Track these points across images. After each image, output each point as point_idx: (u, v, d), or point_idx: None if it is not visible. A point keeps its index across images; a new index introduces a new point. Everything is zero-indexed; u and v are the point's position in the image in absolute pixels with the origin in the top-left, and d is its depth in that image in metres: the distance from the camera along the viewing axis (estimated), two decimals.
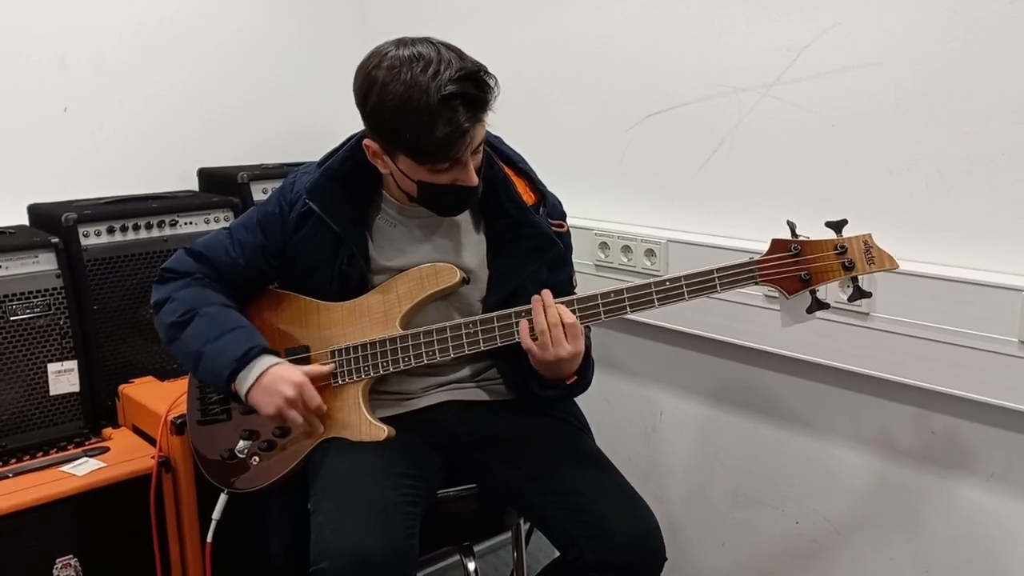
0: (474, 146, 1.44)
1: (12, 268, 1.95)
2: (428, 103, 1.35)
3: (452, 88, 1.36)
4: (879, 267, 1.39)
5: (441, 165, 1.43)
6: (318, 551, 1.38)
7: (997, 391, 1.50)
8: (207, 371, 1.56)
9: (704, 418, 2.05)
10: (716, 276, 1.42)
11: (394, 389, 1.65)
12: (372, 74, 1.41)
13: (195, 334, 1.57)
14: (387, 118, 1.40)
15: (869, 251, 1.39)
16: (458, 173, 1.45)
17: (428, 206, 1.54)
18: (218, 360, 1.53)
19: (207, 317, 1.58)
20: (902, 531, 1.72)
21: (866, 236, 1.40)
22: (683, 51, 1.91)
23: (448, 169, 1.44)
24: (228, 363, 1.52)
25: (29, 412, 1.98)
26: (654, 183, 2.03)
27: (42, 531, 1.77)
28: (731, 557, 2.05)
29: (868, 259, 1.39)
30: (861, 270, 1.40)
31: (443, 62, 1.38)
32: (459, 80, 1.37)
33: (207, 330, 1.56)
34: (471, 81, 1.38)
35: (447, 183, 1.46)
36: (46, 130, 2.29)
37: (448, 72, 1.36)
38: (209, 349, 1.54)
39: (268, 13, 2.64)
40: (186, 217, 2.23)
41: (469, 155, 1.44)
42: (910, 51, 1.56)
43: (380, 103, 1.40)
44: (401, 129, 1.39)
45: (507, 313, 1.50)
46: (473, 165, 1.46)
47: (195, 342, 1.56)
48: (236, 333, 1.56)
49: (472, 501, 1.64)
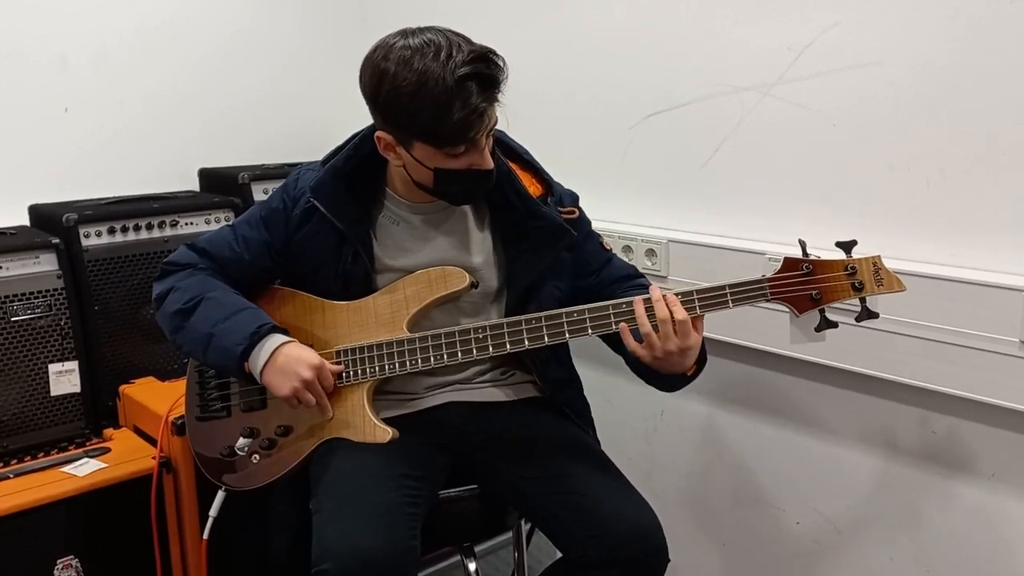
0: (489, 128, 1.44)
1: (13, 269, 1.95)
2: (444, 87, 1.36)
3: (466, 70, 1.36)
4: (887, 289, 1.41)
5: (458, 149, 1.43)
6: (320, 551, 1.38)
7: (998, 391, 1.50)
8: (217, 351, 1.54)
9: (705, 418, 2.05)
10: (728, 292, 1.42)
11: (397, 389, 1.65)
12: (381, 66, 1.41)
13: (203, 318, 1.56)
14: (403, 107, 1.40)
15: (878, 272, 1.40)
16: (473, 157, 1.45)
17: (444, 193, 1.53)
18: (229, 339, 1.52)
19: (213, 301, 1.58)
20: (903, 531, 1.72)
21: (875, 258, 1.41)
22: (684, 50, 1.91)
23: (464, 153, 1.44)
24: (240, 340, 1.51)
25: (30, 413, 1.98)
26: (655, 183, 2.03)
27: (43, 531, 1.77)
28: (732, 557, 2.05)
29: (877, 281, 1.40)
30: (870, 291, 1.41)
31: (453, 46, 1.38)
32: (472, 62, 1.37)
33: (216, 312, 1.56)
34: (483, 62, 1.39)
35: (463, 168, 1.46)
36: (47, 130, 2.29)
37: (460, 55, 1.37)
38: (219, 330, 1.53)
39: (268, 13, 2.64)
40: (187, 217, 2.23)
41: (485, 137, 1.44)
42: (911, 50, 1.56)
43: (394, 92, 1.40)
44: (417, 116, 1.39)
45: (517, 320, 1.49)
46: (487, 148, 1.47)
47: (204, 325, 1.55)
48: (245, 313, 1.56)
49: (474, 502, 1.64)
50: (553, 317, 1.47)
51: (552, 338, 1.47)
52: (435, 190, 1.51)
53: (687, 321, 1.40)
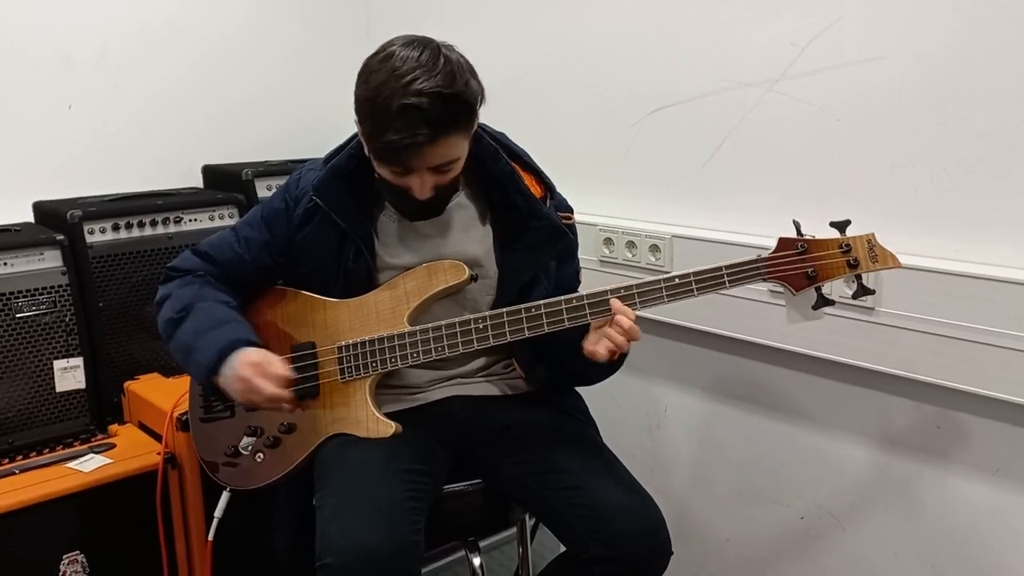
0: (432, 161, 1.44)
1: (18, 265, 1.96)
2: (387, 106, 1.38)
3: (413, 100, 1.37)
4: (882, 265, 1.43)
5: (394, 168, 1.45)
6: (323, 547, 1.38)
7: (1002, 385, 1.50)
8: (194, 366, 1.57)
9: (709, 413, 2.05)
10: (725, 272, 1.44)
11: (400, 383, 1.65)
12: (368, 62, 1.45)
13: (188, 329, 1.58)
14: (357, 107, 1.45)
15: (872, 249, 1.42)
16: (410, 181, 1.47)
17: (389, 203, 1.58)
18: (204, 353, 1.54)
19: (201, 312, 1.59)
20: (907, 526, 1.72)
21: (869, 235, 1.43)
22: (687, 46, 1.91)
23: (403, 174, 1.46)
24: (212, 356, 1.53)
25: (35, 409, 1.99)
26: (658, 179, 2.03)
27: (49, 527, 1.78)
28: (736, 552, 2.05)
29: (872, 257, 1.42)
30: (865, 268, 1.43)
31: (422, 71, 1.39)
32: (426, 95, 1.37)
33: (200, 324, 1.57)
34: (439, 99, 1.38)
35: (401, 186, 1.48)
36: (51, 127, 2.29)
37: (420, 84, 1.37)
38: (198, 343, 1.55)
39: (271, 9, 2.64)
40: (191, 214, 2.23)
41: (424, 169, 1.45)
42: (915, 46, 1.56)
43: (358, 90, 1.45)
44: (364, 122, 1.44)
45: (516, 309, 1.50)
46: (434, 181, 1.47)
47: (187, 336, 1.58)
48: (225, 328, 1.57)
49: (478, 496, 1.65)
50: (552, 304, 1.48)
51: (551, 325, 1.48)
52: (383, 195, 1.55)
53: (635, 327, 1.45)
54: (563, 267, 1.64)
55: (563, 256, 1.64)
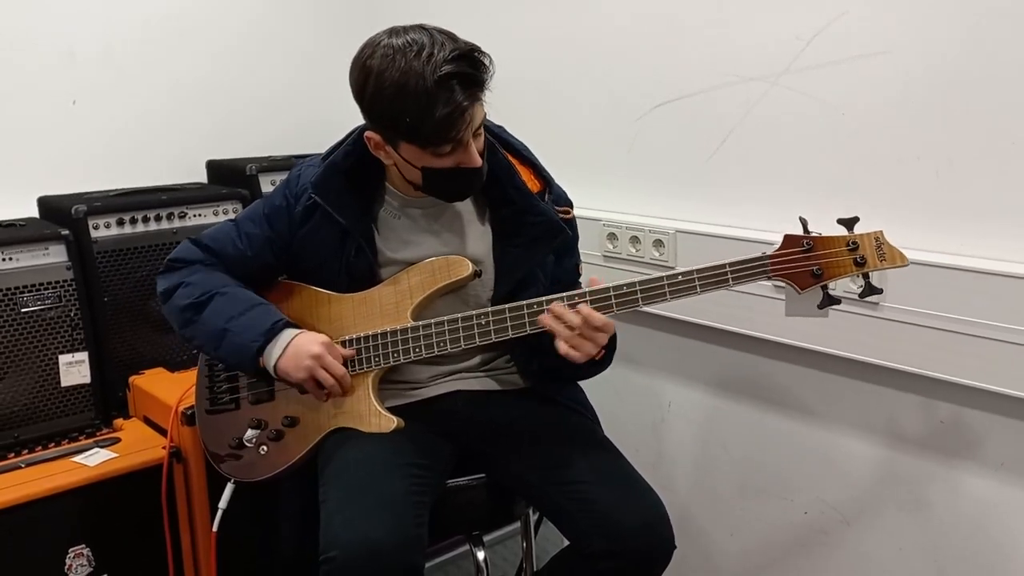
0: (474, 126, 1.44)
1: (23, 260, 1.96)
2: (425, 86, 1.36)
3: (447, 68, 1.37)
4: (890, 264, 1.39)
5: (443, 148, 1.43)
6: (327, 541, 1.39)
7: (1006, 380, 1.49)
8: (232, 347, 1.57)
9: (712, 409, 2.05)
10: (728, 270, 1.43)
11: (402, 378, 1.65)
12: (367, 64, 1.42)
13: (216, 312, 1.58)
14: (386, 107, 1.41)
15: (880, 247, 1.39)
16: (460, 155, 1.45)
17: (434, 192, 1.54)
18: (245, 335, 1.55)
19: (227, 296, 1.59)
20: (911, 521, 1.72)
21: (877, 233, 1.40)
22: (692, 40, 1.90)
23: (451, 152, 1.44)
24: (255, 336, 1.54)
25: (41, 403, 1.99)
26: (662, 173, 2.03)
27: (55, 521, 1.79)
28: (739, 547, 2.05)
29: (880, 255, 1.39)
30: (872, 266, 1.39)
31: (436, 45, 1.38)
32: (453, 60, 1.37)
33: (229, 308, 1.58)
34: (465, 60, 1.39)
35: (451, 167, 1.46)
36: (55, 123, 2.30)
37: (442, 54, 1.37)
38: (234, 325, 1.56)
39: (275, 5, 2.64)
40: (195, 209, 2.24)
41: (470, 135, 1.44)
42: (920, 40, 1.55)
43: (378, 92, 1.41)
44: (400, 116, 1.40)
45: (519, 305, 1.50)
46: (476, 147, 1.47)
47: (218, 320, 1.57)
48: (259, 309, 1.58)
49: (481, 491, 1.65)
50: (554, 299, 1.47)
51: None
52: (425, 189, 1.52)
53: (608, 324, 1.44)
54: (562, 261, 1.64)
55: (561, 251, 1.63)
